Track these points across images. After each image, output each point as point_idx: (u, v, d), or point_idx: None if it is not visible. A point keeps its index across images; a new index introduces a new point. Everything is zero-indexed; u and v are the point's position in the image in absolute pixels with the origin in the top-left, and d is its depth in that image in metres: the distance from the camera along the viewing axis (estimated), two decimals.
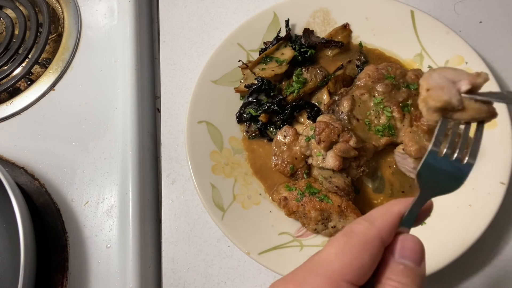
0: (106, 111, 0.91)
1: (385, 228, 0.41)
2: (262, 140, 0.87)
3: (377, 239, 0.40)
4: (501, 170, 0.72)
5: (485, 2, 0.94)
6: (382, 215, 0.42)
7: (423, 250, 0.42)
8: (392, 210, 0.42)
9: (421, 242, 0.42)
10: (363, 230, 0.41)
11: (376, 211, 0.43)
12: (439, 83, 0.45)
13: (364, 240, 0.40)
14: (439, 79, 0.45)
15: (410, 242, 0.42)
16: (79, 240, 0.81)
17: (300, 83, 0.85)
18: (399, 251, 0.41)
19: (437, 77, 0.45)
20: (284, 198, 0.77)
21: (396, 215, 0.42)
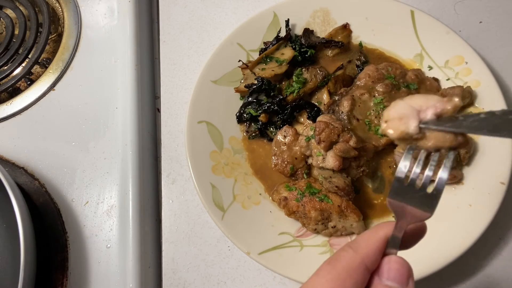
0: (106, 111, 0.91)
1: (369, 254, 0.42)
2: (262, 140, 0.87)
3: (360, 267, 0.42)
4: (501, 170, 0.72)
5: (485, 2, 0.94)
6: (367, 241, 0.43)
7: (409, 270, 0.43)
8: (377, 235, 0.44)
9: (407, 263, 0.43)
10: (347, 259, 0.42)
11: (362, 236, 0.45)
12: (400, 114, 0.45)
13: (347, 269, 0.41)
14: (403, 109, 0.46)
15: (395, 263, 0.43)
16: (79, 240, 0.81)
17: (300, 83, 0.85)
18: (384, 273, 0.43)
19: (401, 107, 0.46)
20: (284, 198, 0.77)
21: (381, 239, 0.43)
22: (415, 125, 0.44)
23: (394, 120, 0.45)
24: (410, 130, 0.44)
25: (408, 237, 0.45)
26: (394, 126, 0.45)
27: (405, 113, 0.45)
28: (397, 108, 0.46)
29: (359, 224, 0.74)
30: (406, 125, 0.45)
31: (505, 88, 0.86)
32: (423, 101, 0.46)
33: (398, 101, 0.47)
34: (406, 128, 0.44)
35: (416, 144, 0.45)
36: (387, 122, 0.46)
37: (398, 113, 0.46)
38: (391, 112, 0.46)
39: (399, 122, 0.45)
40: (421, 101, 0.46)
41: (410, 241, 0.45)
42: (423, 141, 0.45)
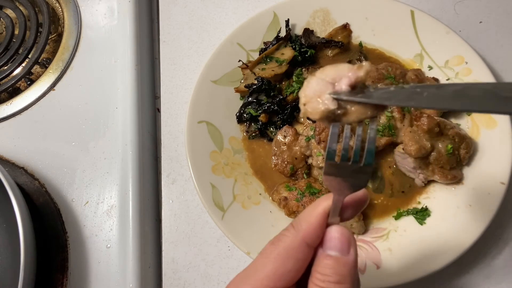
0: (106, 111, 0.91)
1: (309, 231, 0.44)
2: (262, 140, 0.87)
3: (301, 245, 0.43)
4: (501, 170, 0.72)
5: (485, 2, 0.94)
6: (307, 218, 0.45)
7: (350, 239, 0.44)
8: (316, 211, 0.45)
9: (348, 232, 0.44)
10: (288, 238, 0.44)
11: (303, 214, 0.46)
12: (315, 91, 0.43)
13: (288, 248, 0.44)
14: (317, 85, 0.44)
15: (334, 233, 0.44)
16: (79, 240, 0.81)
17: (300, 83, 0.85)
18: (325, 243, 0.44)
19: (315, 83, 0.44)
20: (284, 198, 0.77)
21: (319, 215, 0.44)
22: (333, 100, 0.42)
23: (312, 100, 0.43)
24: (330, 106, 0.42)
25: (349, 208, 0.46)
26: (313, 106, 0.43)
27: (321, 89, 0.43)
28: (311, 85, 0.44)
29: (359, 224, 0.74)
30: (324, 102, 0.43)
31: None
32: (334, 72, 0.44)
33: (310, 78, 0.45)
34: (325, 106, 0.42)
35: (339, 121, 0.44)
36: (306, 104, 0.44)
37: (313, 91, 0.43)
38: (307, 91, 0.44)
39: (317, 101, 0.43)
40: (333, 72, 0.44)
41: (351, 211, 0.47)
42: (346, 117, 0.43)
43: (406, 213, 0.77)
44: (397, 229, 0.75)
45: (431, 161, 0.74)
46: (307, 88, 0.44)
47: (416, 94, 0.40)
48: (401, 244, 0.73)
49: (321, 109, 0.43)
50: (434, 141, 0.74)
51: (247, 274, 0.45)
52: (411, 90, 0.41)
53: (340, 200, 0.44)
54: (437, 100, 0.39)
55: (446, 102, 0.39)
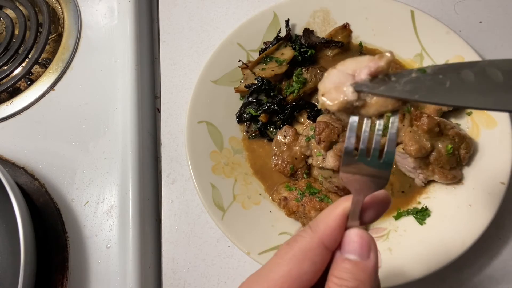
0: (106, 111, 0.91)
1: (327, 233, 0.42)
2: (262, 140, 0.87)
3: (318, 247, 0.41)
4: (501, 170, 0.72)
5: (485, 2, 0.94)
6: (325, 219, 0.43)
7: (370, 242, 0.42)
8: (335, 212, 0.43)
9: (368, 235, 0.42)
10: (305, 239, 0.42)
11: (321, 215, 0.44)
12: (335, 83, 0.42)
13: (304, 249, 0.41)
14: (337, 77, 0.42)
15: (354, 236, 0.42)
16: (79, 240, 0.81)
17: (300, 83, 0.85)
18: (343, 246, 0.42)
19: (335, 75, 0.42)
20: (284, 198, 0.77)
21: (338, 216, 0.42)
22: (353, 91, 0.41)
23: (331, 91, 0.42)
24: (349, 97, 0.41)
25: (370, 210, 0.44)
26: (332, 97, 0.41)
27: (340, 81, 0.42)
28: (331, 77, 0.43)
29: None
30: (343, 93, 0.41)
31: None
32: (355, 64, 0.42)
33: (330, 70, 0.43)
34: (344, 97, 0.41)
35: (358, 113, 0.42)
36: (324, 95, 0.42)
37: (333, 83, 0.42)
38: (326, 83, 0.43)
39: (336, 92, 0.41)
40: (353, 64, 0.42)
41: (373, 213, 0.44)
42: (365, 109, 0.42)
43: (406, 213, 0.77)
44: (397, 229, 0.75)
45: (431, 161, 0.74)
46: (326, 80, 0.43)
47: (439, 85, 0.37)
48: (401, 244, 0.73)
49: (339, 100, 0.41)
50: (434, 141, 0.74)
51: (260, 275, 0.42)
52: (434, 79, 0.38)
53: (359, 200, 0.42)
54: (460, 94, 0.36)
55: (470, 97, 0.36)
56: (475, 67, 0.38)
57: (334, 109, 0.42)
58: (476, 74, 0.37)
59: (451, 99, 0.37)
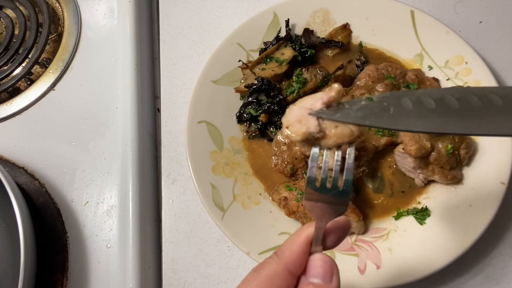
0: (106, 111, 0.91)
1: (292, 259, 0.44)
2: (262, 140, 0.87)
3: (283, 273, 0.44)
4: (501, 170, 0.72)
5: (485, 2, 0.94)
6: (290, 246, 0.45)
7: (333, 267, 0.44)
8: (299, 239, 0.45)
9: (331, 260, 0.44)
10: (271, 266, 0.44)
11: (286, 242, 0.46)
12: (297, 116, 0.47)
13: (270, 275, 0.44)
14: (298, 111, 0.47)
15: (317, 261, 0.44)
16: (79, 240, 0.81)
17: (300, 83, 0.85)
18: (308, 270, 0.44)
19: (296, 110, 0.47)
20: (284, 198, 0.77)
21: (302, 243, 0.44)
22: (315, 123, 0.46)
23: (294, 124, 0.47)
24: (311, 129, 0.46)
25: (332, 235, 0.46)
26: (295, 129, 0.46)
27: (301, 115, 0.47)
28: (292, 112, 0.48)
29: (359, 224, 0.74)
30: (305, 125, 0.46)
31: None
32: (311, 99, 0.48)
33: (291, 107, 0.49)
34: (306, 128, 0.46)
35: (319, 144, 0.47)
36: (288, 128, 0.47)
37: (295, 117, 0.47)
38: (289, 117, 0.48)
39: (299, 125, 0.46)
40: (310, 100, 0.48)
41: (334, 238, 0.47)
42: (324, 140, 0.46)
43: (406, 213, 0.77)
44: (397, 229, 0.75)
45: (431, 161, 0.74)
46: (289, 115, 0.48)
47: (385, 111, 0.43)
48: (401, 244, 0.73)
49: (302, 131, 0.46)
50: (434, 141, 0.74)
51: None
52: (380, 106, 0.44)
53: (322, 226, 0.45)
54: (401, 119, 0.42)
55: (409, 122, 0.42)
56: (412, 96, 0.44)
57: (298, 139, 0.46)
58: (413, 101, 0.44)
59: (395, 124, 0.43)
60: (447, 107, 0.43)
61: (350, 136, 0.46)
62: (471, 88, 0.46)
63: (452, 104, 0.44)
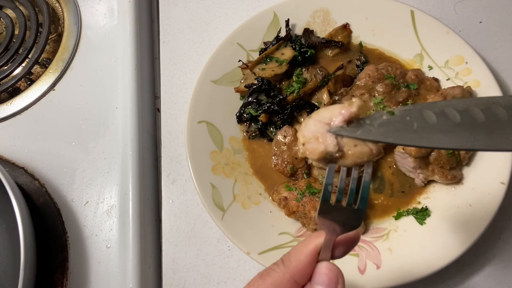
0: (106, 111, 0.91)
1: (299, 268, 0.44)
2: (262, 140, 0.87)
3: (289, 282, 0.44)
4: (501, 170, 0.72)
5: (485, 2, 0.94)
6: (297, 255, 0.45)
7: (338, 275, 0.44)
8: (307, 249, 0.45)
9: (337, 269, 0.44)
10: (277, 274, 0.44)
11: (294, 250, 0.46)
12: (314, 132, 0.45)
13: (276, 284, 0.44)
14: (314, 126, 0.45)
15: (324, 269, 0.44)
16: (79, 240, 0.81)
17: (300, 83, 0.85)
18: (314, 277, 0.44)
19: (312, 125, 0.45)
20: (284, 198, 0.77)
21: (311, 253, 0.45)
22: (333, 141, 0.44)
23: (311, 141, 0.45)
24: (329, 148, 0.44)
25: (341, 246, 0.47)
26: (312, 147, 0.44)
27: (319, 130, 0.45)
28: (308, 127, 0.45)
29: None
30: (324, 143, 0.44)
31: (505, 88, 0.86)
32: (329, 113, 0.45)
33: (307, 120, 0.46)
34: (325, 147, 0.44)
35: (336, 162, 0.45)
36: (305, 145, 0.45)
37: (312, 132, 0.45)
38: (305, 132, 0.45)
39: (316, 142, 0.44)
40: (328, 113, 0.45)
41: (343, 249, 0.47)
42: (342, 159, 0.45)
43: (406, 213, 0.77)
44: (397, 229, 0.75)
45: (431, 161, 0.74)
46: (305, 129, 0.46)
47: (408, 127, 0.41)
48: (401, 244, 0.73)
49: (320, 150, 0.44)
50: None
51: None
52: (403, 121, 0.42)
53: (332, 239, 0.45)
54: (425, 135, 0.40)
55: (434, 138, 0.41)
56: (435, 108, 0.42)
57: (315, 158, 0.45)
58: (437, 115, 0.42)
59: (420, 140, 0.41)
60: (473, 121, 0.41)
61: (369, 155, 0.45)
62: (495, 98, 0.43)
63: (478, 117, 0.41)
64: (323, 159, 0.45)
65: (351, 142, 0.44)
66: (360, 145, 0.44)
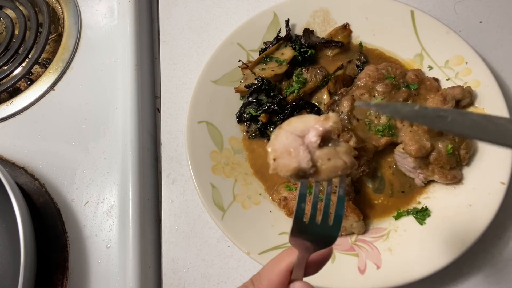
0: (106, 111, 0.91)
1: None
2: (262, 140, 0.87)
3: None
4: (501, 170, 0.72)
5: (485, 2, 0.94)
6: (269, 275, 0.43)
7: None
8: (278, 268, 0.43)
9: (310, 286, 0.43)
10: None
11: (264, 270, 0.44)
12: (286, 146, 0.41)
13: None
14: (286, 139, 0.41)
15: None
16: (79, 240, 0.81)
17: (300, 83, 0.85)
18: None
19: (284, 137, 0.41)
20: (284, 198, 0.77)
21: (282, 272, 0.43)
22: (307, 158, 0.40)
23: (283, 155, 0.41)
24: (303, 164, 0.40)
25: (315, 264, 0.45)
26: (284, 163, 0.40)
27: (291, 144, 0.41)
28: (279, 139, 0.42)
29: (359, 224, 0.74)
30: (297, 159, 0.40)
31: (505, 88, 0.86)
32: (302, 124, 0.42)
33: (278, 131, 0.42)
34: (298, 164, 0.40)
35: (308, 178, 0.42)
36: (276, 160, 0.41)
37: (283, 146, 0.41)
38: (276, 145, 0.41)
39: (288, 158, 0.40)
40: (301, 124, 0.42)
41: (316, 266, 0.45)
42: (316, 175, 0.41)
43: (406, 213, 0.77)
44: (397, 229, 0.75)
45: (431, 161, 0.74)
46: (276, 142, 0.42)
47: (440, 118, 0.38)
48: (401, 244, 0.73)
49: (293, 166, 0.40)
50: (434, 141, 0.74)
51: None
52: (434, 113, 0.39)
53: (305, 257, 0.43)
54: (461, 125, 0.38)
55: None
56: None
57: (287, 174, 0.41)
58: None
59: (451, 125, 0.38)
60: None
61: (343, 169, 0.41)
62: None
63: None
64: (295, 175, 0.41)
65: (324, 156, 0.41)
66: (334, 159, 0.41)
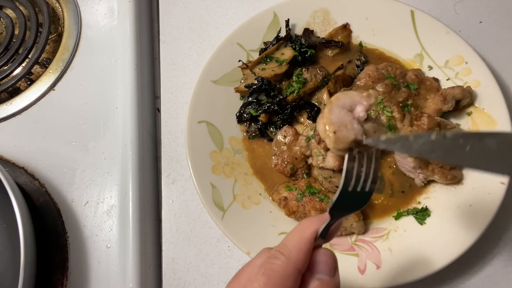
0: (106, 111, 0.91)
1: (301, 258, 0.44)
2: (262, 140, 0.87)
3: (295, 273, 0.43)
4: None
5: (485, 2, 0.94)
6: (297, 244, 0.44)
7: (335, 261, 0.45)
8: (305, 236, 0.45)
9: (333, 254, 0.45)
10: (282, 267, 0.43)
11: (291, 240, 0.45)
12: (342, 120, 0.45)
13: (282, 278, 0.43)
14: (340, 112, 0.45)
15: (323, 256, 0.45)
16: (79, 240, 0.81)
17: (300, 83, 0.85)
18: (315, 267, 0.44)
19: (337, 111, 0.45)
20: (284, 198, 0.77)
21: (309, 239, 0.44)
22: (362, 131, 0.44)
23: (341, 129, 0.44)
24: (358, 136, 0.44)
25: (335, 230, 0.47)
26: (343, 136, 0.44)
27: (345, 118, 0.45)
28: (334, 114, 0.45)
29: (359, 224, 0.74)
30: (353, 131, 0.44)
31: (505, 88, 0.86)
32: (349, 100, 0.46)
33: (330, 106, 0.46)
34: (355, 136, 0.44)
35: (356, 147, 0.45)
36: (336, 133, 0.44)
37: (340, 120, 0.45)
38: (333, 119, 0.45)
39: (346, 130, 0.44)
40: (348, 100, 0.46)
41: (335, 232, 0.47)
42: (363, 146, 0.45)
43: (406, 213, 0.77)
44: (397, 229, 0.75)
45: (431, 161, 0.74)
46: (332, 116, 0.45)
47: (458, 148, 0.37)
48: (401, 244, 0.73)
49: (351, 138, 0.44)
50: None
51: None
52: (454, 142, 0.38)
53: (332, 223, 0.45)
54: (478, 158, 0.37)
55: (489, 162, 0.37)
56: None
57: (345, 147, 0.44)
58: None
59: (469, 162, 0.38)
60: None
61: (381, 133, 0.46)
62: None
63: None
64: (348, 147, 0.45)
65: (371, 129, 0.45)
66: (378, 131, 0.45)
